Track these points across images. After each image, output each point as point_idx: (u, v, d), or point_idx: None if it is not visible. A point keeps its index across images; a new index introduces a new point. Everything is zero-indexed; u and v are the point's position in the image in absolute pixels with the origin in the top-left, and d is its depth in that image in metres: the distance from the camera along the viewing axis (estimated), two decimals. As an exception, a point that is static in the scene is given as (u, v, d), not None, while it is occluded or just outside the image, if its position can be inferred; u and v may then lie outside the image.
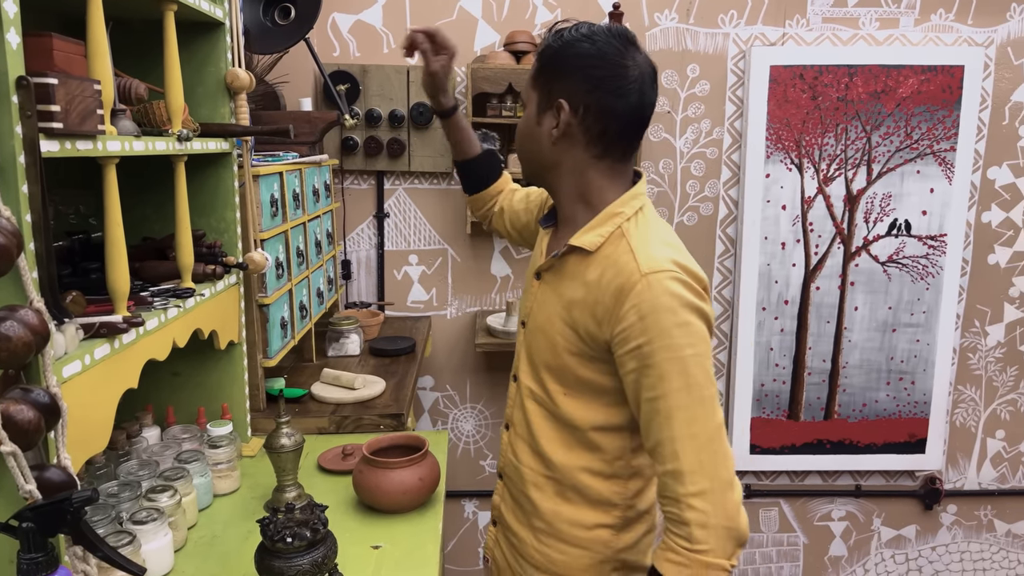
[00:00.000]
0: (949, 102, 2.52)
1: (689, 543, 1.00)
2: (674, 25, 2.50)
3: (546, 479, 1.20)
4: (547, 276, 1.19)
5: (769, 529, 2.86)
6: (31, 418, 0.82)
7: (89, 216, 1.49)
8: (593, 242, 1.11)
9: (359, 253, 2.59)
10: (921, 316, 2.65)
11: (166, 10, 1.29)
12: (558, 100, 1.09)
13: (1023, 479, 2.88)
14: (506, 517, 1.30)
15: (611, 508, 1.18)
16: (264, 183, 1.69)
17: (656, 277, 1.03)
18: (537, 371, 1.19)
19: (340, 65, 2.41)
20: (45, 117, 0.90)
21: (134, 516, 1.18)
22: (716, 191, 2.61)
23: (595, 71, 1.08)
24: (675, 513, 1.02)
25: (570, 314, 1.12)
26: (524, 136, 1.18)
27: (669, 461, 1.02)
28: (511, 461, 1.27)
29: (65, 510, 0.81)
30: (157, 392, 1.56)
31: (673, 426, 1.01)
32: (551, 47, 1.11)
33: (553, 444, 1.18)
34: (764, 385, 2.68)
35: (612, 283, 1.06)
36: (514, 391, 1.27)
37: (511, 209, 1.51)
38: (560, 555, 1.20)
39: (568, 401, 1.15)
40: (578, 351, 1.12)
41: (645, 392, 1.04)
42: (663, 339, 1.01)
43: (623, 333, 1.04)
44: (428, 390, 2.69)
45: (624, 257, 1.07)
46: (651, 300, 1.02)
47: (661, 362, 1.01)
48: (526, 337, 1.23)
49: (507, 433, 1.30)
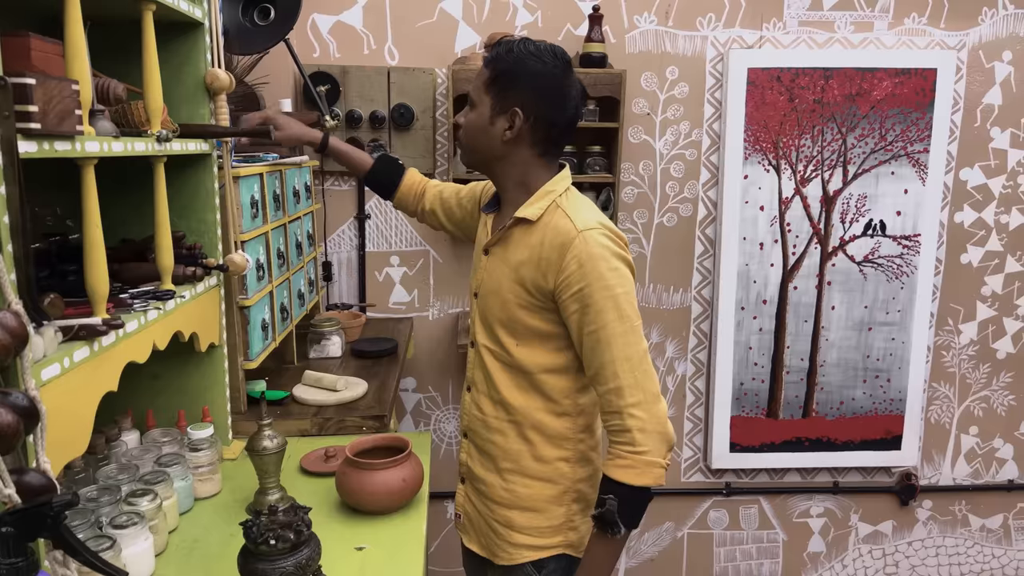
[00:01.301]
0: (922, 104, 2.57)
1: (632, 447, 1.23)
2: (653, 28, 2.52)
3: (508, 423, 1.39)
4: (495, 250, 1.40)
5: (749, 526, 2.89)
6: (10, 421, 0.81)
7: (66, 218, 1.47)
8: (534, 213, 1.32)
9: (340, 255, 2.58)
10: (896, 315, 2.70)
11: (144, 10, 1.28)
12: (513, 108, 1.30)
13: (996, 474, 2.94)
14: (474, 470, 1.46)
15: (565, 442, 1.38)
16: (244, 184, 1.68)
17: (589, 233, 1.26)
18: (492, 329, 1.39)
19: (320, 66, 2.40)
20: (23, 117, 0.89)
21: (114, 520, 1.16)
22: (695, 192, 2.64)
23: (545, 89, 1.30)
24: (618, 424, 1.24)
25: (518, 273, 1.33)
26: (476, 131, 1.35)
27: (611, 380, 1.24)
28: (476, 416, 1.44)
29: (45, 514, 0.80)
30: (136, 395, 1.54)
31: (612, 350, 1.24)
32: (504, 60, 1.31)
33: (512, 391, 1.37)
34: (743, 384, 2.71)
35: (554, 241, 1.28)
36: (473, 355, 1.46)
37: (445, 207, 1.70)
38: (525, 489, 1.38)
39: (520, 350, 1.35)
40: (526, 303, 1.33)
41: (587, 327, 1.26)
42: (599, 281, 1.24)
43: (566, 280, 1.26)
44: (410, 391, 2.69)
45: (562, 221, 1.29)
46: (587, 251, 1.25)
47: (599, 300, 1.24)
48: (479, 304, 1.42)
49: (468, 394, 1.47)
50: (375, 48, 2.46)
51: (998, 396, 2.86)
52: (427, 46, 2.47)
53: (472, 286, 1.47)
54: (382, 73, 2.43)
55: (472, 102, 1.36)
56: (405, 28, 2.46)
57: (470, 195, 1.66)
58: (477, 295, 1.43)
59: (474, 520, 1.49)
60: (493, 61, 1.33)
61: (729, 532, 2.90)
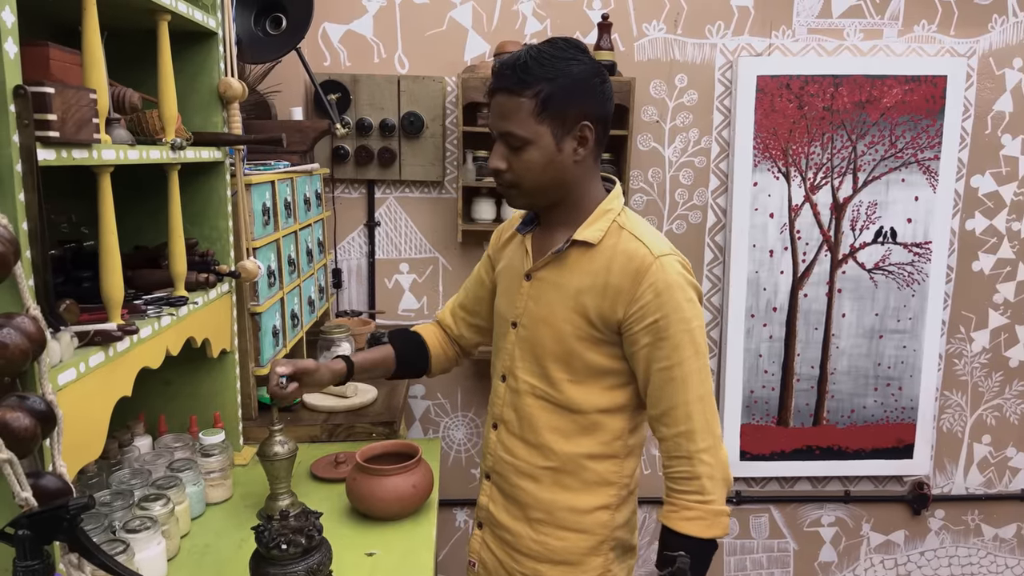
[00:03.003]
0: (933, 111, 2.56)
1: (701, 496, 1.14)
2: (662, 35, 2.53)
3: (543, 470, 1.25)
4: (542, 274, 1.25)
5: (759, 535, 2.87)
6: (27, 425, 0.82)
7: (81, 225, 1.49)
8: (595, 235, 1.19)
9: (350, 262, 2.59)
10: (907, 322, 2.68)
11: (160, 20, 1.30)
12: (581, 123, 1.15)
13: (1009, 484, 2.91)
14: (497, 516, 1.32)
15: (608, 487, 1.26)
16: (256, 192, 1.70)
17: (666, 260, 1.16)
18: (540, 363, 1.24)
19: (331, 75, 2.42)
20: (42, 126, 0.90)
21: (127, 525, 1.17)
22: (704, 199, 2.64)
23: (596, 86, 1.15)
24: (686, 471, 1.15)
25: (577, 301, 1.19)
26: (542, 168, 1.16)
27: (683, 422, 1.15)
28: (503, 458, 1.30)
29: (61, 517, 0.81)
30: (149, 401, 1.55)
31: (688, 390, 1.15)
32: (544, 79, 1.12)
33: (554, 434, 1.24)
34: (753, 392, 2.70)
35: (627, 268, 1.16)
36: (504, 391, 1.31)
37: (473, 318, 1.49)
38: (559, 542, 1.25)
39: (573, 387, 1.22)
40: (586, 335, 1.20)
41: (658, 363, 1.15)
42: (677, 313, 1.14)
43: (641, 311, 1.15)
44: (419, 398, 2.69)
45: (632, 244, 1.17)
46: (664, 279, 1.14)
47: (676, 333, 1.14)
48: (521, 335, 1.27)
49: (494, 432, 1.33)
50: (385, 57, 2.48)
51: (1011, 405, 2.84)
52: (437, 55, 2.49)
53: (506, 314, 1.31)
54: (392, 81, 2.45)
55: (522, 141, 1.15)
56: (415, 37, 2.48)
57: (475, 291, 1.48)
58: (516, 325, 1.28)
59: (493, 570, 1.35)
60: (530, 85, 1.12)
61: (739, 541, 2.88)
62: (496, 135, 1.19)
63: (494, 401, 1.34)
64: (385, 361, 1.46)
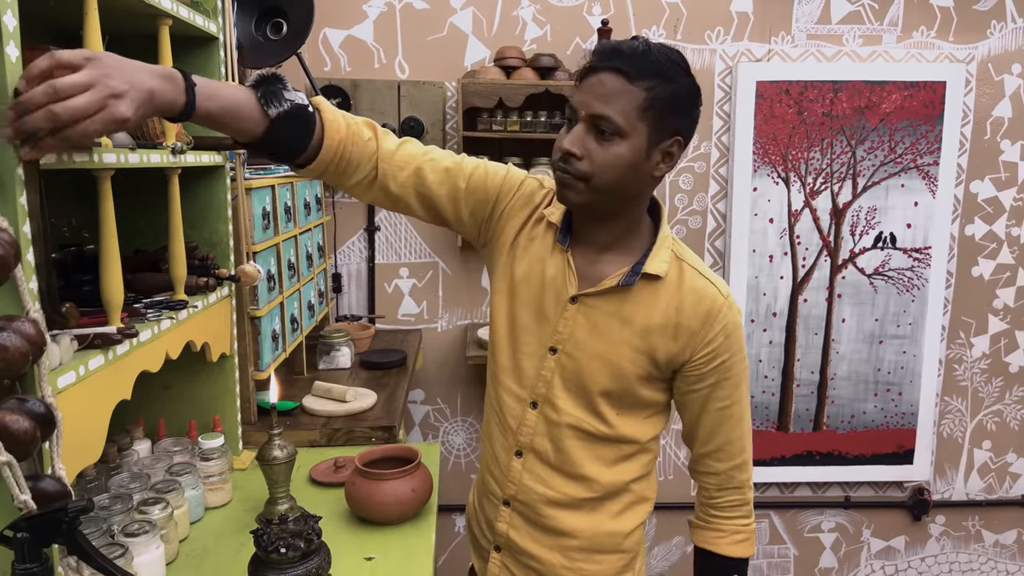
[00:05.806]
0: (932, 117, 2.57)
1: (748, 520, 1.22)
2: (662, 41, 2.53)
3: (584, 500, 1.19)
4: (596, 302, 1.12)
5: (760, 541, 2.87)
6: (27, 428, 0.81)
7: (81, 229, 1.49)
8: (663, 268, 1.11)
9: (350, 266, 2.59)
10: (907, 328, 2.68)
11: (161, 25, 1.30)
12: (676, 138, 1.06)
13: (1010, 489, 2.91)
14: (519, 543, 1.23)
15: (645, 504, 1.26)
16: (256, 196, 1.70)
17: (732, 299, 1.14)
18: (588, 398, 1.15)
19: (331, 80, 2.43)
20: (43, 129, 0.90)
21: (126, 528, 1.17)
22: (704, 205, 2.64)
23: (696, 107, 1.08)
24: (738, 499, 1.21)
25: (646, 341, 1.11)
26: (625, 169, 1.03)
27: (737, 456, 1.19)
28: (530, 488, 1.20)
29: (60, 520, 0.81)
30: (148, 405, 1.55)
31: (743, 425, 1.18)
32: (660, 77, 1.02)
33: (597, 464, 1.17)
34: (753, 397, 2.70)
35: (697, 309, 1.11)
36: (535, 419, 1.18)
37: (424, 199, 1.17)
38: (596, 565, 1.21)
39: (622, 420, 1.16)
40: (647, 375, 1.14)
41: (719, 402, 1.15)
42: (740, 352, 1.15)
43: (711, 353, 1.12)
44: (419, 403, 2.69)
45: (699, 282, 1.12)
46: (733, 321, 1.12)
47: (737, 373, 1.15)
48: (563, 363, 1.15)
49: (518, 460, 1.20)
50: (386, 62, 2.48)
51: (1011, 410, 2.84)
52: (437, 60, 2.49)
53: (539, 335, 1.16)
54: (392, 87, 2.46)
55: (617, 130, 1.01)
56: (415, 42, 2.48)
57: (480, 185, 1.18)
58: (556, 351, 1.15)
59: None
60: (647, 76, 1.01)
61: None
62: (584, 115, 1.03)
63: (520, 429, 1.19)
64: (249, 114, 1.02)
